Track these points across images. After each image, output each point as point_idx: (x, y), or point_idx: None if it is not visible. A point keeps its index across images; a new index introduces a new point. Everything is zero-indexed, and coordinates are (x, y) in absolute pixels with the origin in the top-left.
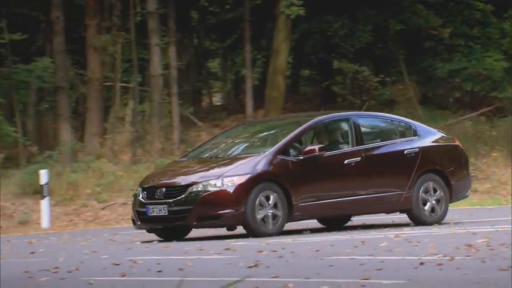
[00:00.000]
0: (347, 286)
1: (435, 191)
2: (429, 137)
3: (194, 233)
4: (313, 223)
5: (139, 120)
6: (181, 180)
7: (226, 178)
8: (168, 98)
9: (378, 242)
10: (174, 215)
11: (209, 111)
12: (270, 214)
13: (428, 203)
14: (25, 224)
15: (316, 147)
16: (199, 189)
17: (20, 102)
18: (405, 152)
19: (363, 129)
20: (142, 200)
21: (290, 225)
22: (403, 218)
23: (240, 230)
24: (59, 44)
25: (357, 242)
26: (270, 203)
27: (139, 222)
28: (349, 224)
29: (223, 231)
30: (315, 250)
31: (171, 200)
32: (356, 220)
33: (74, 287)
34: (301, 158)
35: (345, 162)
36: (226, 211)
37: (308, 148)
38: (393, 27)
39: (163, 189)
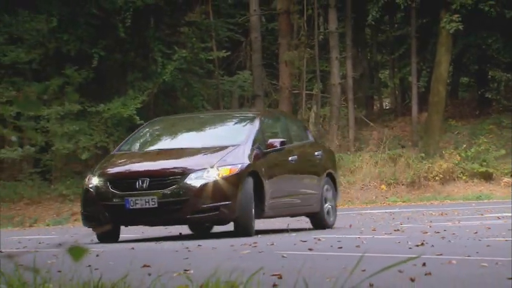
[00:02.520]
0: (504, 264)
1: (331, 195)
2: (318, 140)
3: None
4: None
5: (321, 121)
6: (171, 169)
7: (222, 167)
8: (344, 103)
9: None
10: (165, 207)
11: (379, 114)
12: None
13: (329, 206)
14: None
15: (279, 140)
16: (195, 179)
17: (225, 107)
18: (315, 153)
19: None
20: (115, 191)
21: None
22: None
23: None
24: (257, 60)
25: (510, 226)
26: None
27: (107, 215)
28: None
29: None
30: (474, 232)
31: (162, 191)
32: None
33: (270, 259)
34: (265, 151)
35: (289, 159)
36: (224, 203)
37: (271, 141)
38: None
39: (148, 179)
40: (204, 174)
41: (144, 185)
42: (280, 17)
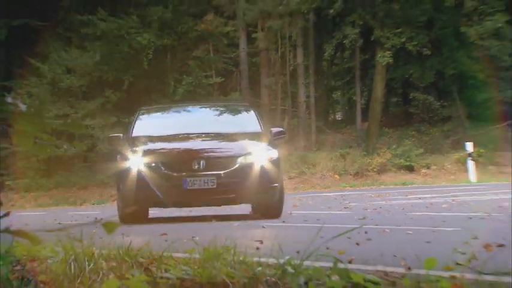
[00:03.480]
0: (423, 232)
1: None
2: None
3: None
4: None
5: (292, 129)
6: (224, 150)
7: (268, 151)
8: (308, 116)
9: (440, 204)
10: (223, 188)
11: (333, 123)
12: None
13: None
14: None
15: (280, 129)
16: (248, 161)
17: None
18: None
19: None
20: (170, 172)
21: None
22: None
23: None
24: (244, 84)
25: (427, 204)
26: None
27: (160, 196)
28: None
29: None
30: (401, 209)
31: (220, 172)
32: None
33: (254, 229)
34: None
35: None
36: (275, 185)
37: (272, 129)
38: (448, 71)
39: (203, 161)
40: (254, 157)
41: (201, 166)
42: (261, 53)
